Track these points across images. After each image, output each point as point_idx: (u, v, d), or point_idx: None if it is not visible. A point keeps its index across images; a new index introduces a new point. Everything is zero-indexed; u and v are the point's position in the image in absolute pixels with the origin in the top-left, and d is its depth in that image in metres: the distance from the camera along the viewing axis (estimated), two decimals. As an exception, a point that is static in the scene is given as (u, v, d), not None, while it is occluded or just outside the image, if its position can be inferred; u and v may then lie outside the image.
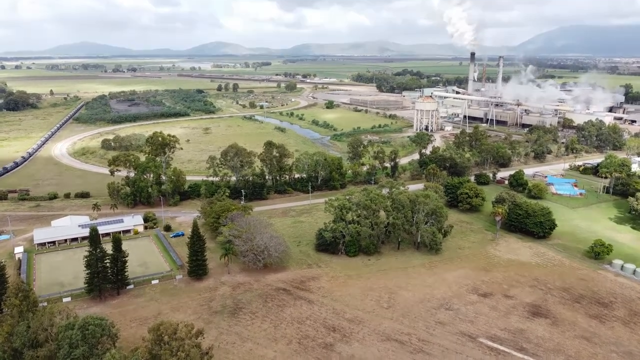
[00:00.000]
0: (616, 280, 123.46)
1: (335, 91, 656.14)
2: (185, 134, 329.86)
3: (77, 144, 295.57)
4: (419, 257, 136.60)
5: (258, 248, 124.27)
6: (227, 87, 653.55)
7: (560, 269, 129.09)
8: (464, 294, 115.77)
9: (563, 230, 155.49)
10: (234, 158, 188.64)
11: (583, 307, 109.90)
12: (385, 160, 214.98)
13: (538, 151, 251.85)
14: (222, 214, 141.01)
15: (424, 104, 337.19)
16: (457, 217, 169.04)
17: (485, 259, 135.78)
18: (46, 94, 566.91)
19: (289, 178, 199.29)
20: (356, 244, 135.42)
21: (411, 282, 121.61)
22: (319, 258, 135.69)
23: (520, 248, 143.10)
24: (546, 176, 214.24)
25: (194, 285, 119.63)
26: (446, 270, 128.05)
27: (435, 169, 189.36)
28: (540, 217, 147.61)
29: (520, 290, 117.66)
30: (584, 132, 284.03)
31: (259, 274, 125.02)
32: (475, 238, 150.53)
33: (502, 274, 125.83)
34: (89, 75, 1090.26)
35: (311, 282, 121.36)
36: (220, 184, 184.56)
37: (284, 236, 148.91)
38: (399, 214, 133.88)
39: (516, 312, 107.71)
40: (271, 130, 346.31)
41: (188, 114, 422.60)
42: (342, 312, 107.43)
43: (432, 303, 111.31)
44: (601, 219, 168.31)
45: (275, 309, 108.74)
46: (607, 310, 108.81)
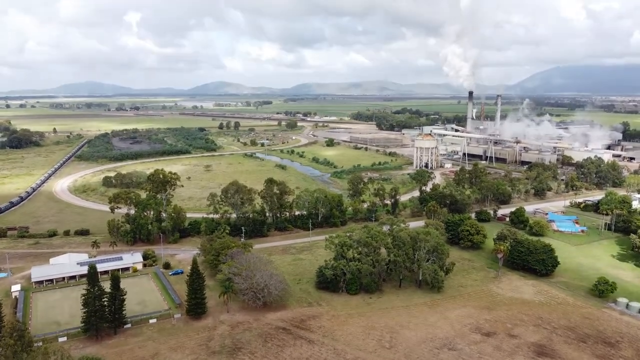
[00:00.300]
0: (621, 319, 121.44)
1: (335, 129, 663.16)
2: (187, 171, 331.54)
3: (78, 181, 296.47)
4: (421, 295, 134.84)
5: (258, 286, 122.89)
6: (229, 125, 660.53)
7: (564, 308, 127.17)
8: (467, 333, 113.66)
9: (566, 268, 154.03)
10: (235, 195, 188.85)
11: (589, 347, 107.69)
12: (386, 197, 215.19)
13: (538, 188, 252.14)
14: (222, 252, 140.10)
15: (423, 141, 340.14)
16: (459, 254, 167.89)
17: (488, 297, 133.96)
18: (49, 132, 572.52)
19: (289, 215, 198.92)
20: (357, 282, 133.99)
21: (413, 320, 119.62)
22: (319, 296, 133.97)
23: (523, 286, 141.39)
24: (547, 213, 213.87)
25: (192, 325, 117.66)
26: (448, 309, 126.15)
27: (436, 205, 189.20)
28: (542, 254, 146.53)
29: (524, 329, 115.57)
30: (583, 169, 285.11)
31: (258, 313, 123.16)
32: (477, 276, 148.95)
33: (505, 313, 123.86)
34: (92, 113, 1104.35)
35: (312, 321, 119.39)
36: (221, 221, 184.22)
37: (284, 274, 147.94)
38: (399, 251, 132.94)
39: (521, 352, 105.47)
40: (272, 168, 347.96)
41: (189, 152, 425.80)
42: (344, 352, 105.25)
43: (435, 343, 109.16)
44: (604, 256, 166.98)
45: (274, 349, 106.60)
46: (614, 350, 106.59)
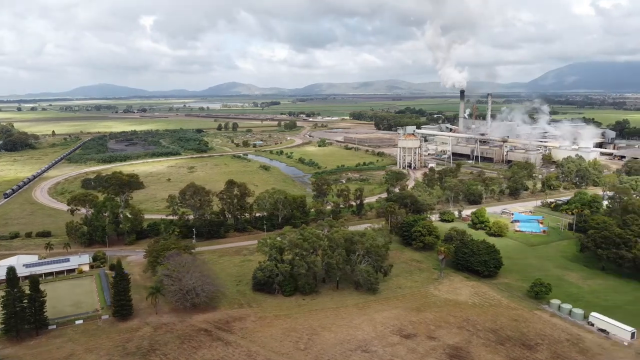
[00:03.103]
0: (550, 320, 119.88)
1: (333, 129, 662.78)
2: (170, 173, 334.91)
3: (60, 184, 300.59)
4: (355, 297, 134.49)
5: (186, 288, 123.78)
6: (227, 126, 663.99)
7: (495, 309, 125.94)
8: (387, 335, 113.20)
9: (513, 269, 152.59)
10: (193, 197, 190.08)
11: (506, 350, 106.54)
12: (351, 198, 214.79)
13: (512, 188, 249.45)
14: (161, 253, 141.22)
15: (406, 141, 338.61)
16: (410, 255, 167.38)
17: (423, 298, 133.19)
18: (48, 135, 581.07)
19: (250, 216, 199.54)
20: (292, 284, 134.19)
21: (338, 322, 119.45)
22: (253, 298, 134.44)
23: (462, 287, 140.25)
24: (513, 213, 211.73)
25: (117, 326, 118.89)
26: (378, 311, 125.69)
27: (394, 206, 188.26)
28: (485, 255, 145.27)
29: (446, 331, 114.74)
30: (563, 169, 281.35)
31: (186, 314, 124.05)
32: (420, 277, 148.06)
33: (433, 315, 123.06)
34: (100, 116, 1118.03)
35: (236, 323, 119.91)
36: (178, 222, 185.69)
37: (227, 275, 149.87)
38: (333, 253, 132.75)
39: (434, 355, 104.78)
40: (256, 169, 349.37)
41: (180, 153, 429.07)
42: (256, 354, 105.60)
43: (351, 345, 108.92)
44: (556, 256, 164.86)
45: (189, 350, 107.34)
46: (529, 352, 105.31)
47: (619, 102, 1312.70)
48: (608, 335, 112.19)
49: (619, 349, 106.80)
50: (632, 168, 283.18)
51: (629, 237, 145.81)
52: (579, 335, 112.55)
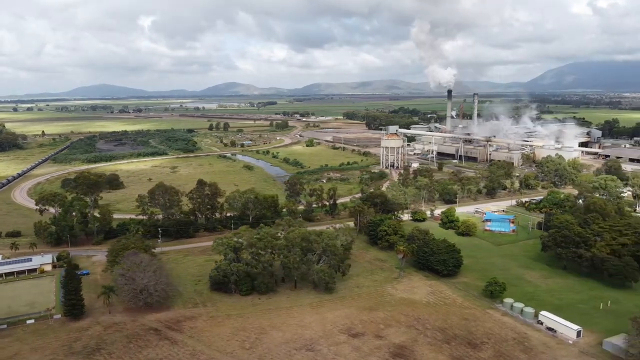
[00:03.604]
0: (501, 319, 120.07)
1: (324, 129, 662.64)
2: (152, 173, 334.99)
3: (41, 184, 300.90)
4: (312, 296, 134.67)
5: (139, 287, 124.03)
6: (218, 126, 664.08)
7: (448, 308, 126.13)
8: (335, 334, 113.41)
9: (475, 268, 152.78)
10: (163, 196, 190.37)
11: (450, 348, 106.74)
12: (324, 197, 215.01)
13: (489, 187, 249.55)
14: (120, 253, 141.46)
15: (388, 141, 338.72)
16: (375, 254, 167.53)
17: (378, 297, 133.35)
18: (38, 135, 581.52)
19: (220, 216, 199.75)
20: (249, 283, 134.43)
21: (288, 321, 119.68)
22: (210, 297, 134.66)
23: (420, 287, 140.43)
24: (485, 212, 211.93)
25: (68, 326, 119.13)
26: (331, 310, 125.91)
27: (362, 206, 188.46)
28: (444, 254, 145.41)
29: (395, 330, 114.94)
30: (542, 168, 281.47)
31: (139, 314, 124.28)
32: (380, 276, 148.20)
33: (385, 314, 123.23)
34: (95, 116, 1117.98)
35: (187, 322, 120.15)
36: (147, 222, 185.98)
37: (188, 275, 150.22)
38: (289, 252, 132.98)
39: (378, 354, 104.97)
40: (239, 169, 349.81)
41: (166, 153, 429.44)
42: (200, 353, 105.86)
43: (297, 344, 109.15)
44: (521, 256, 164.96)
45: (134, 349, 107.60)
46: (473, 351, 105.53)
47: (614, 102, 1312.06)
48: (555, 334, 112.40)
49: (563, 348, 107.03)
50: (611, 167, 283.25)
51: (589, 236, 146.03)
52: (526, 334, 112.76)
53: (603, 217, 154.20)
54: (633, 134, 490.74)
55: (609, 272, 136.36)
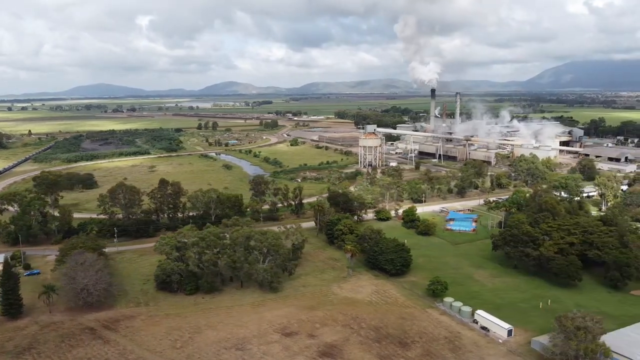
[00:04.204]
0: (438, 318, 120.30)
1: (313, 128, 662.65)
2: (130, 172, 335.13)
3: (15, 184, 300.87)
4: (256, 296, 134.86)
5: (79, 286, 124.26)
6: (207, 125, 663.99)
7: (388, 308, 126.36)
8: (268, 333, 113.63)
9: (426, 267, 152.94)
10: (124, 196, 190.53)
11: (380, 347, 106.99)
12: (290, 197, 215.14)
13: (459, 186, 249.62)
14: (68, 252, 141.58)
15: (366, 140, 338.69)
16: (330, 254, 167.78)
17: (322, 297, 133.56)
18: (26, 134, 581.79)
19: (183, 216, 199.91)
20: (193, 282, 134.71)
21: (225, 321, 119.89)
22: (154, 296, 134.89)
23: (366, 286, 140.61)
24: (449, 212, 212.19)
25: (4, 325, 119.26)
26: (271, 309, 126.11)
27: (322, 205, 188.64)
28: (392, 254, 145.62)
29: (329, 329, 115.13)
30: (516, 167, 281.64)
31: (79, 313, 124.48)
32: (330, 276, 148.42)
33: (324, 313, 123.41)
34: (88, 115, 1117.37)
35: (125, 321, 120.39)
36: (107, 222, 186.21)
37: (139, 274, 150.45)
38: (231, 251, 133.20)
39: (306, 353, 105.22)
40: (218, 168, 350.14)
41: (149, 152, 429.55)
42: (130, 352, 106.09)
43: (229, 343, 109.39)
44: (475, 255, 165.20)
45: (65, 349, 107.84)
46: (402, 350, 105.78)
47: (608, 101, 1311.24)
48: (488, 333, 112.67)
49: (492, 346, 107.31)
50: (585, 166, 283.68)
51: (537, 235, 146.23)
52: (459, 333, 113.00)
53: (554, 216, 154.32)
54: (618, 133, 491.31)
55: (554, 271, 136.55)
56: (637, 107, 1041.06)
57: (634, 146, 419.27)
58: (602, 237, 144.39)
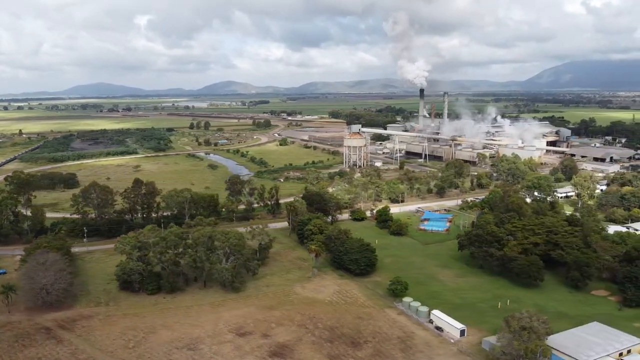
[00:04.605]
0: (395, 319, 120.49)
1: (305, 128, 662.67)
2: (114, 172, 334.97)
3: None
4: (218, 295, 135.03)
5: (38, 286, 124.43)
6: (199, 125, 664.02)
7: (347, 307, 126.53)
8: (223, 333, 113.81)
9: (393, 267, 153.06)
10: (97, 196, 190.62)
11: (331, 347, 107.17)
12: (266, 197, 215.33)
13: (439, 186, 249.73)
14: (32, 252, 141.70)
15: (351, 140, 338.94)
16: (300, 254, 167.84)
17: (283, 297, 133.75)
18: (16, 134, 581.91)
19: (157, 216, 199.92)
20: (155, 282, 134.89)
21: (182, 321, 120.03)
22: (116, 296, 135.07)
23: (329, 286, 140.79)
24: (424, 212, 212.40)
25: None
26: (230, 309, 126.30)
27: (294, 205, 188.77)
28: (356, 254, 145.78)
29: (284, 329, 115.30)
30: (497, 167, 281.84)
31: (38, 313, 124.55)
32: (295, 276, 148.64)
33: (282, 313, 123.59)
34: (83, 115, 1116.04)
35: (82, 321, 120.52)
36: (79, 221, 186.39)
37: (104, 274, 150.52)
38: (192, 251, 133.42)
39: (257, 353, 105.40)
40: (203, 168, 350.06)
41: (137, 152, 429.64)
42: (82, 352, 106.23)
43: (181, 343, 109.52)
44: (443, 255, 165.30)
45: (17, 348, 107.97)
46: (352, 350, 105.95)
47: (604, 101, 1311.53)
48: (442, 333, 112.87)
49: (443, 346, 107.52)
50: (567, 166, 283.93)
51: (501, 235, 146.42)
52: (412, 333, 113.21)
53: (520, 217, 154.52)
54: (607, 133, 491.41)
55: (515, 271, 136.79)
56: (632, 107, 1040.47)
57: (621, 146, 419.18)
58: (566, 237, 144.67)
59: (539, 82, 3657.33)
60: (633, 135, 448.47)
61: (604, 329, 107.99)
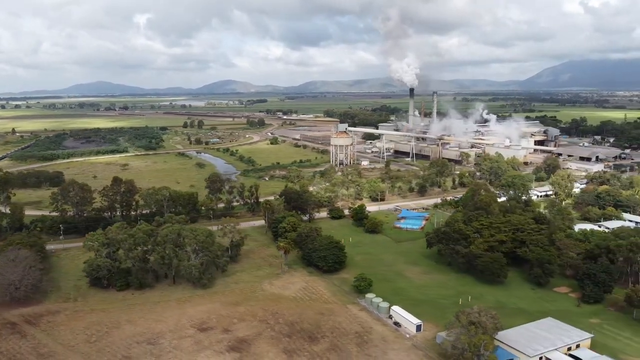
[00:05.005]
0: (355, 314, 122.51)
1: (299, 127, 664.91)
2: (102, 170, 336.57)
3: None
4: (186, 292, 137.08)
5: (6, 282, 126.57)
6: (193, 123, 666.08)
7: (311, 304, 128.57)
8: (185, 328, 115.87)
9: (362, 264, 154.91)
10: (76, 194, 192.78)
11: (289, 342, 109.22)
12: (246, 195, 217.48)
13: (420, 185, 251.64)
14: (4, 249, 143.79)
15: (337, 139, 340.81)
16: (273, 251, 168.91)
17: (250, 293, 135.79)
18: (9, 132, 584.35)
19: (136, 213, 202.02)
20: (123, 278, 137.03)
21: (147, 316, 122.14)
22: (86, 292, 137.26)
23: (297, 282, 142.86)
24: (401, 210, 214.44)
25: None
26: (195, 305, 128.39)
27: (271, 204, 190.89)
28: (324, 251, 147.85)
29: (245, 324, 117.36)
30: (480, 166, 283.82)
31: (6, 309, 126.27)
32: (264, 273, 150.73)
33: (246, 309, 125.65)
34: (80, 113, 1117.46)
35: (49, 317, 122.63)
36: (58, 219, 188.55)
37: (77, 270, 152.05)
38: (159, 248, 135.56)
39: (215, 347, 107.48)
40: (191, 166, 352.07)
41: (127, 151, 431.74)
42: (43, 346, 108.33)
43: (142, 337, 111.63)
44: (414, 252, 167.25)
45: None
46: (309, 344, 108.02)
47: (601, 100, 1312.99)
48: (399, 328, 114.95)
49: (399, 341, 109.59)
50: (550, 165, 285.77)
51: (468, 233, 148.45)
52: (371, 328, 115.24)
53: (488, 215, 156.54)
54: (597, 133, 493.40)
55: (479, 268, 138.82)
56: (628, 107, 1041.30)
57: (609, 145, 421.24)
58: (532, 235, 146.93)
59: (539, 81, 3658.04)
60: (622, 134, 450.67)
61: (556, 324, 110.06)
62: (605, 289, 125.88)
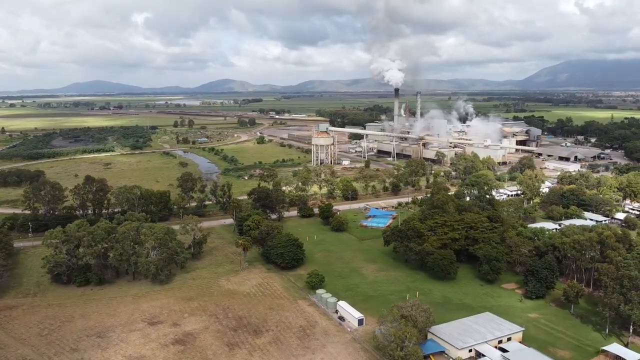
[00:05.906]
0: (304, 309, 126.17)
1: (289, 126, 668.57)
2: (85, 169, 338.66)
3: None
4: (143, 287, 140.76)
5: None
6: (183, 123, 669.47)
7: (263, 299, 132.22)
8: (135, 322, 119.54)
9: (321, 261, 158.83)
10: (48, 192, 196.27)
11: (234, 335, 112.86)
12: (219, 194, 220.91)
13: (393, 184, 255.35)
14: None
15: (318, 139, 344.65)
16: (237, 249, 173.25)
17: (205, 289, 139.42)
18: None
19: (108, 212, 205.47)
20: (83, 275, 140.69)
21: (100, 311, 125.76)
22: (47, 288, 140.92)
23: (253, 279, 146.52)
24: (370, 208, 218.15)
25: None
26: (150, 300, 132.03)
27: (238, 202, 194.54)
28: (282, 248, 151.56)
29: (195, 319, 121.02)
30: (455, 166, 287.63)
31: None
32: (224, 269, 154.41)
33: (199, 304, 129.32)
34: (74, 112, 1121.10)
35: (6, 311, 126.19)
36: (28, 217, 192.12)
37: (39, 267, 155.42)
38: (117, 244, 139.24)
39: (161, 340, 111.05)
40: (174, 165, 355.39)
41: (113, 150, 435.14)
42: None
43: (93, 331, 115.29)
44: (374, 250, 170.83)
45: None
46: (252, 338, 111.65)
47: (595, 101, 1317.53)
48: (343, 322, 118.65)
49: (340, 335, 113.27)
50: (524, 164, 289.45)
51: (422, 230, 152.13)
52: (315, 322, 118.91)
53: (444, 213, 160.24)
54: (581, 132, 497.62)
55: (430, 265, 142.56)
56: (620, 107, 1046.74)
57: (590, 145, 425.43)
58: (485, 233, 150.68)
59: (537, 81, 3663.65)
60: (605, 134, 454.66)
61: (492, 318, 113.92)
62: (547, 285, 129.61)
